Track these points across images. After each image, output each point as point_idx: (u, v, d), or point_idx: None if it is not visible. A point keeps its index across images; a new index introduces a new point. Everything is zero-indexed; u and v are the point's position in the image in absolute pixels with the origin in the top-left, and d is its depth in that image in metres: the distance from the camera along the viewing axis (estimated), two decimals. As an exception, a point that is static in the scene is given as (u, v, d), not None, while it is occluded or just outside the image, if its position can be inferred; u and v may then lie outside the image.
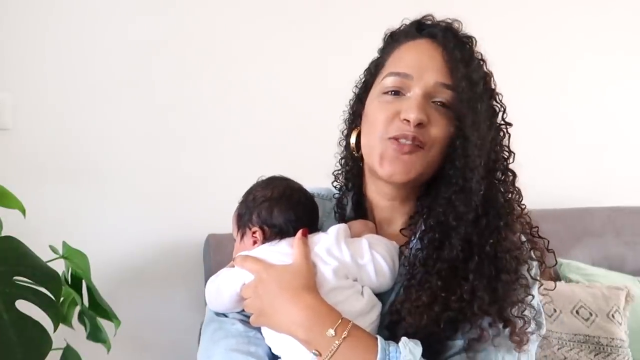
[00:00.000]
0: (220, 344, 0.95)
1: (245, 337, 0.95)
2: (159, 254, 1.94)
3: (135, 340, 1.90)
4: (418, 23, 0.99)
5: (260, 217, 0.97)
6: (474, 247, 0.90)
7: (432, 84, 0.92)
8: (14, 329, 1.22)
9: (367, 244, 0.94)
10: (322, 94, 2.03)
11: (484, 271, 0.89)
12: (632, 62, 2.44)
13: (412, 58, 0.95)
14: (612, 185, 2.42)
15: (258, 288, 0.91)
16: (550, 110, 2.28)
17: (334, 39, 2.04)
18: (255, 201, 0.99)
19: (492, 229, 0.91)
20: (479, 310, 0.87)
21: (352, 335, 0.85)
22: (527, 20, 2.26)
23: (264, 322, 0.91)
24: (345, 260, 0.92)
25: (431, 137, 0.92)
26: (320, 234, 0.96)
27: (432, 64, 0.93)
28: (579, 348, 1.79)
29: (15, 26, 1.78)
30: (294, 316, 0.86)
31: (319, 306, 0.87)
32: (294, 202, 0.98)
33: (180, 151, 1.94)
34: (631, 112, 2.46)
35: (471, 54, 0.95)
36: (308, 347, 0.86)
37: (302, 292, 0.88)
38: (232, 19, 1.97)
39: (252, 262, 0.93)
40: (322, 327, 0.85)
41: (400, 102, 0.93)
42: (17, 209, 1.48)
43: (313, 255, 0.92)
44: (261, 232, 0.97)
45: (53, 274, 1.33)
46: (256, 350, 0.93)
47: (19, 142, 1.80)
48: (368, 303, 0.91)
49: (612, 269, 2.10)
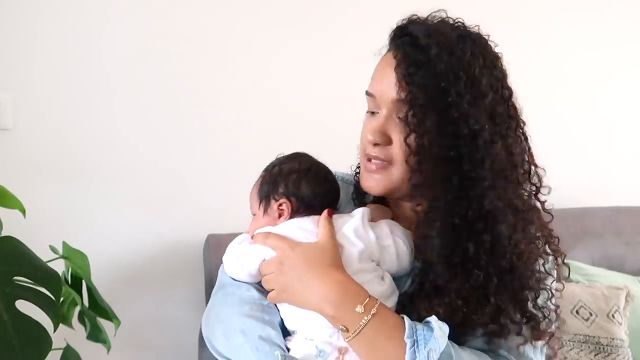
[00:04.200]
0: (233, 308, 0.95)
1: (260, 304, 0.94)
2: (159, 254, 1.94)
3: (135, 340, 1.90)
4: (393, 31, 0.97)
5: (288, 188, 0.96)
6: (492, 243, 0.90)
7: (390, 102, 0.93)
8: (14, 329, 1.22)
9: (388, 228, 0.95)
10: (322, 94, 2.04)
11: (503, 269, 0.89)
12: (632, 62, 2.43)
13: (376, 76, 0.97)
14: (612, 185, 2.42)
15: (283, 265, 0.91)
16: (550, 110, 2.28)
17: (328, 37, 2.04)
18: (282, 172, 0.98)
19: (507, 224, 0.90)
20: (499, 310, 0.88)
21: (380, 313, 0.86)
22: (525, 20, 2.26)
23: (287, 298, 0.91)
24: (371, 241, 0.93)
25: (395, 153, 0.93)
26: (345, 216, 0.97)
27: (387, 80, 0.93)
28: (579, 348, 1.79)
29: (16, 26, 1.78)
30: (323, 292, 0.87)
31: (347, 283, 0.88)
32: (320, 177, 0.99)
33: (180, 151, 1.94)
34: (631, 112, 2.45)
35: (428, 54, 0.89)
36: (335, 323, 0.87)
37: (330, 269, 0.88)
38: (227, 19, 1.96)
39: (275, 239, 0.93)
40: (350, 303, 0.86)
41: (370, 122, 0.96)
42: (17, 209, 1.48)
43: (340, 235, 0.93)
44: (289, 203, 0.96)
45: (53, 274, 1.33)
46: (271, 319, 0.93)
47: (19, 142, 1.80)
48: (388, 288, 0.92)
49: (612, 269, 2.10)
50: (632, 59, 2.43)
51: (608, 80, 2.41)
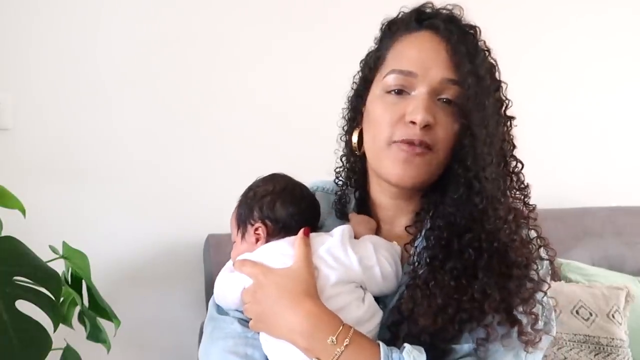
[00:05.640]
0: (218, 344, 0.94)
1: (244, 338, 0.93)
2: (159, 254, 1.94)
3: (135, 340, 1.90)
4: (417, 12, 0.94)
5: (262, 211, 0.94)
6: (483, 244, 0.87)
7: (437, 81, 0.88)
8: (14, 329, 1.22)
9: (372, 246, 0.92)
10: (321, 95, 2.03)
11: (494, 269, 0.86)
12: (632, 62, 2.43)
13: (415, 53, 0.90)
14: (612, 185, 2.42)
15: (257, 293, 0.89)
16: (549, 110, 2.28)
17: (338, 42, 2.03)
18: (256, 196, 0.96)
19: (500, 226, 0.88)
20: (489, 308, 0.84)
21: (354, 342, 0.83)
22: (529, 20, 2.26)
23: (263, 328, 0.89)
24: (352, 264, 0.89)
25: (439, 138, 0.88)
26: (324, 235, 0.93)
27: (436, 59, 0.88)
28: (579, 348, 1.79)
29: (16, 26, 1.78)
30: (294, 323, 0.84)
31: (319, 313, 0.84)
32: (296, 196, 0.96)
33: (180, 151, 1.94)
34: (631, 112, 2.46)
35: (476, 46, 0.90)
36: (309, 355, 0.84)
37: (302, 298, 0.85)
38: (233, 21, 1.97)
39: (250, 266, 0.91)
40: (323, 334, 0.83)
41: (404, 102, 0.89)
42: (17, 209, 1.48)
43: (317, 257, 0.89)
44: (264, 227, 0.94)
45: (53, 274, 1.33)
46: (252, 353, 0.91)
47: (19, 142, 1.80)
48: (368, 311, 0.89)
49: (612, 269, 2.10)
50: (632, 59, 2.44)
51: (608, 80, 2.41)
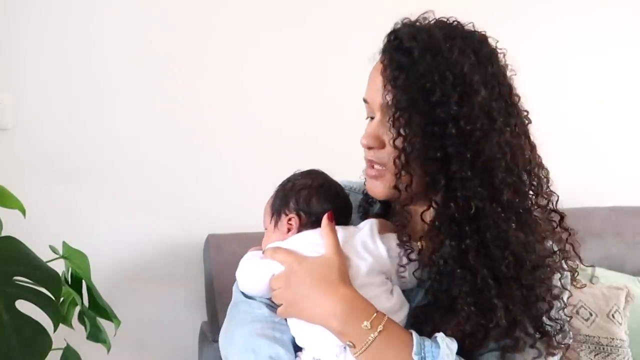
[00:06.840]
0: (245, 327, 0.95)
1: (271, 322, 0.95)
2: (159, 254, 1.94)
3: (135, 340, 1.90)
4: (386, 36, 0.95)
5: (299, 204, 0.98)
6: (503, 269, 0.88)
7: (378, 106, 0.93)
8: (14, 329, 1.22)
9: (396, 239, 0.95)
10: (321, 95, 2.04)
11: (517, 283, 0.87)
12: (632, 62, 2.43)
13: (369, 82, 0.96)
14: (612, 185, 2.42)
15: (290, 279, 0.90)
16: (549, 110, 2.27)
17: (330, 39, 2.04)
18: (294, 188, 0.99)
19: (519, 239, 0.88)
20: (519, 332, 0.87)
21: (388, 328, 0.85)
22: (524, 20, 2.26)
23: (294, 313, 0.91)
24: (381, 255, 0.92)
25: (386, 157, 0.92)
26: (352, 228, 0.97)
27: (376, 85, 0.92)
28: (579, 348, 1.79)
29: (15, 26, 1.78)
30: (329, 307, 0.86)
31: (354, 298, 0.87)
32: (332, 193, 1.00)
33: (180, 151, 1.94)
34: (631, 111, 2.46)
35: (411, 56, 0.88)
36: (342, 339, 0.86)
37: (337, 284, 0.88)
38: (228, 19, 1.96)
39: (283, 253, 0.93)
40: (357, 319, 0.85)
41: (367, 127, 0.96)
42: (17, 209, 1.48)
43: (349, 248, 0.92)
44: (297, 219, 0.98)
45: (53, 274, 1.33)
46: (281, 336, 0.93)
47: (19, 142, 1.80)
48: (396, 303, 0.91)
49: (612, 269, 2.10)
50: (633, 59, 2.44)
51: (609, 80, 2.41)
